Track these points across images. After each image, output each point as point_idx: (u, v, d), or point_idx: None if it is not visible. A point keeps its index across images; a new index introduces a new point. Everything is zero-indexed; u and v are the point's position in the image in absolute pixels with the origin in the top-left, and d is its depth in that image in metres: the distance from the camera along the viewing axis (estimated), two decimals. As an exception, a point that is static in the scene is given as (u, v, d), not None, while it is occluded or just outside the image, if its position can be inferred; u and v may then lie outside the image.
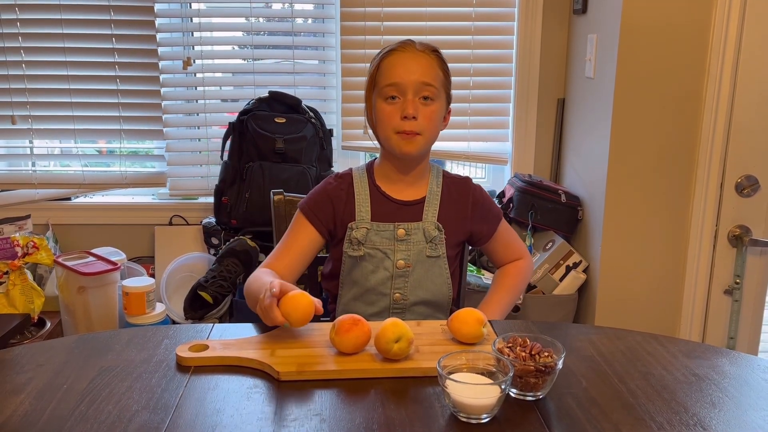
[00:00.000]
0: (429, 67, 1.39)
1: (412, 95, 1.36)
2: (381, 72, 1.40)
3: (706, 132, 2.04)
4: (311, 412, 0.97)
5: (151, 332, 1.24)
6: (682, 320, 2.18)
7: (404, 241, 1.42)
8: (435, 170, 1.50)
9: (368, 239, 1.42)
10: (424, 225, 1.43)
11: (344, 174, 1.49)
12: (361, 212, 1.44)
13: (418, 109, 1.37)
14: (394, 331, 1.09)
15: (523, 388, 1.01)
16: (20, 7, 2.46)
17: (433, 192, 1.46)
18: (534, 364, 1.00)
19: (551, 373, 1.01)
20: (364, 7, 2.50)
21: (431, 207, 1.45)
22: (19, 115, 2.54)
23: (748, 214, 2.08)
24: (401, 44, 1.41)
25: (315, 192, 1.49)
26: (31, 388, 1.04)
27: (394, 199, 1.45)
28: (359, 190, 1.46)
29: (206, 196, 2.61)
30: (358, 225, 1.43)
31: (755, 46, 1.98)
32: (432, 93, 1.38)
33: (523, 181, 2.39)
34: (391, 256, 1.42)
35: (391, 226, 1.42)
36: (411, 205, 1.45)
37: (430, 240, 1.43)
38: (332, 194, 1.46)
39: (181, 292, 2.37)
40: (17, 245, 2.21)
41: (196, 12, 2.53)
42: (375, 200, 1.45)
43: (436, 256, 1.44)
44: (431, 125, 1.39)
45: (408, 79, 1.36)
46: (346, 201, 1.45)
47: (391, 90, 1.37)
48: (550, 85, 2.57)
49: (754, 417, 0.98)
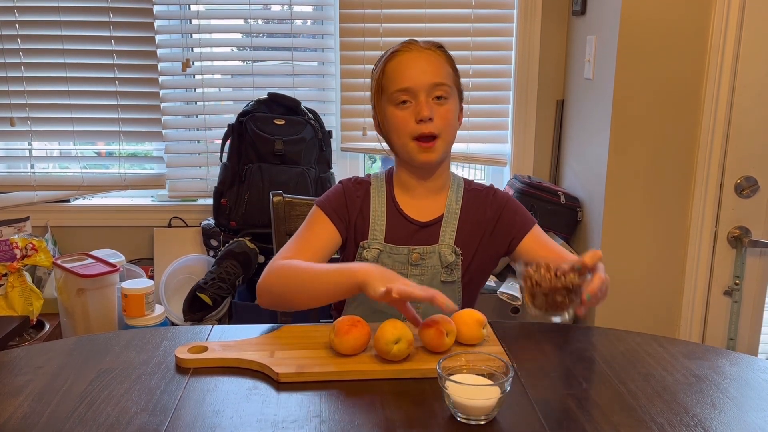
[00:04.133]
0: (438, 64, 1.32)
1: (424, 96, 1.29)
2: (388, 76, 1.32)
3: (706, 133, 2.04)
4: (311, 414, 0.97)
5: (150, 334, 1.24)
6: (681, 321, 2.18)
7: (418, 265, 1.34)
8: (456, 183, 1.41)
9: (380, 261, 1.34)
10: (440, 248, 1.34)
11: (363, 180, 1.41)
12: (375, 231, 1.36)
13: (434, 109, 1.29)
14: (393, 333, 1.08)
15: (549, 308, 1.04)
16: (19, 9, 2.46)
17: (452, 210, 1.37)
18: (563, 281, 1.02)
19: (577, 292, 1.03)
20: (363, 8, 2.50)
21: (449, 227, 1.36)
22: (18, 117, 2.54)
23: (748, 215, 2.08)
24: (404, 45, 1.34)
25: (334, 191, 1.40)
26: (30, 390, 1.04)
27: (411, 219, 1.36)
28: (375, 205, 1.37)
29: (205, 198, 2.61)
30: (370, 245, 1.35)
31: (754, 47, 1.98)
32: (445, 92, 1.31)
33: (522, 183, 2.39)
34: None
35: (406, 249, 1.34)
36: (428, 226, 1.36)
37: (446, 265, 1.34)
38: (349, 196, 1.38)
39: (180, 294, 2.37)
40: (16, 247, 2.21)
41: (195, 14, 2.53)
42: (391, 219, 1.36)
43: (452, 281, 1.36)
44: (448, 125, 1.32)
45: (419, 81, 1.29)
46: (360, 209, 1.37)
47: (402, 95, 1.30)
48: (550, 87, 2.57)
49: (755, 418, 0.98)
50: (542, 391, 1.05)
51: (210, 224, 2.47)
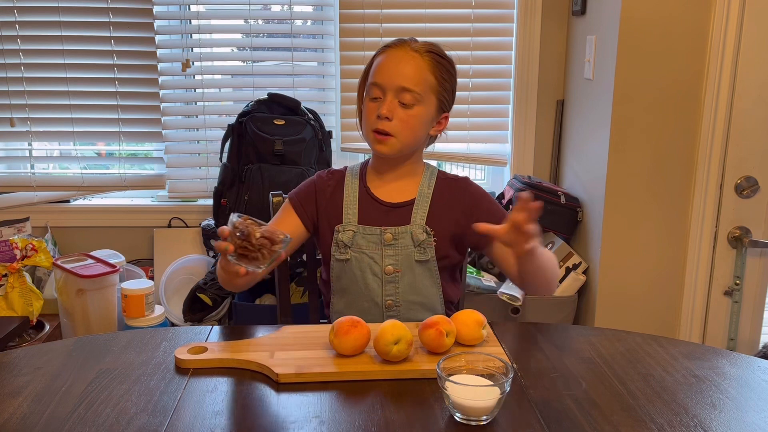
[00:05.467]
0: (415, 70, 1.35)
1: (391, 97, 1.35)
2: (373, 68, 1.39)
3: (706, 133, 2.04)
4: (310, 415, 0.97)
5: (150, 335, 1.24)
6: (681, 321, 2.18)
7: (392, 245, 1.39)
8: (429, 171, 1.47)
9: (355, 242, 1.40)
10: (412, 228, 1.39)
11: (337, 170, 1.49)
12: (348, 214, 1.42)
13: (394, 111, 1.34)
14: (393, 333, 1.09)
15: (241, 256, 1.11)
16: (19, 10, 2.46)
17: (424, 194, 1.43)
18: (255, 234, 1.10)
19: (268, 250, 1.10)
20: (363, 9, 2.50)
21: (420, 209, 1.41)
22: (18, 118, 2.54)
23: (748, 215, 2.08)
24: (398, 42, 1.39)
25: (305, 183, 1.48)
26: (30, 391, 1.04)
27: (382, 201, 1.42)
28: (348, 191, 1.44)
29: (205, 198, 2.61)
30: (344, 227, 1.41)
31: (754, 46, 1.98)
32: (410, 99, 1.34)
33: (522, 183, 2.39)
34: (379, 261, 1.39)
35: (378, 230, 1.39)
36: (399, 207, 1.42)
37: (418, 244, 1.39)
38: (319, 187, 1.45)
39: (180, 295, 2.37)
40: (16, 248, 2.21)
41: (195, 14, 2.53)
42: (363, 202, 1.43)
43: (425, 260, 1.40)
44: (407, 128, 1.36)
45: (390, 81, 1.34)
46: (330, 197, 1.44)
47: (375, 89, 1.37)
48: (550, 87, 2.57)
49: (755, 418, 0.98)
50: (542, 391, 1.05)
51: (210, 225, 2.47)
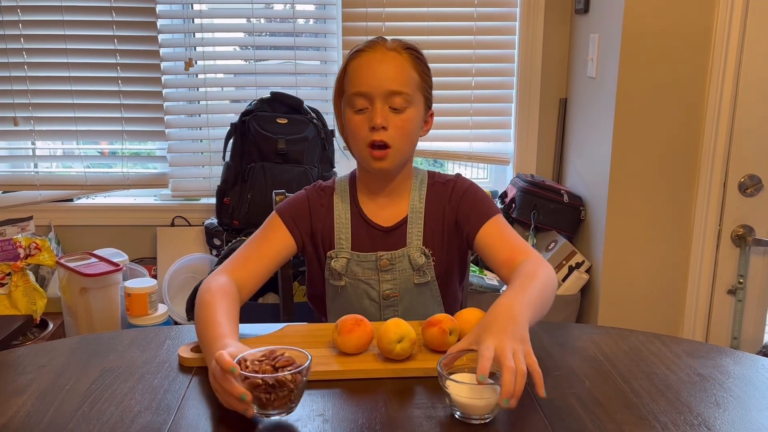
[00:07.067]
0: (399, 70, 1.25)
1: (380, 104, 1.24)
2: (348, 77, 1.28)
3: (709, 131, 2.04)
4: (314, 413, 0.97)
5: (154, 333, 1.24)
6: (685, 320, 2.17)
7: (389, 270, 1.32)
8: (419, 179, 1.37)
9: (349, 269, 1.33)
10: (409, 251, 1.32)
11: (326, 186, 1.39)
12: (340, 240, 1.34)
13: (388, 118, 1.25)
14: (396, 332, 1.08)
15: (260, 405, 0.92)
16: (22, 9, 2.46)
17: (416, 209, 1.34)
18: (264, 376, 0.89)
19: (286, 389, 0.90)
20: (366, 7, 2.50)
21: (415, 228, 1.33)
22: (22, 117, 2.55)
23: (752, 214, 2.08)
24: (369, 44, 1.29)
25: (296, 198, 1.38)
26: (34, 389, 1.04)
27: (375, 225, 1.34)
28: (339, 212, 1.35)
29: (208, 197, 2.61)
30: (338, 254, 1.33)
31: (758, 44, 1.97)
32: (401, 103, 1.25)
33: (525, 182, 2.39)
34: (376, 286, 1.33)
35: (373, 256, 1.32)
36: (393, 230, 1.34)
37: (417, 268, 1.32)
38: (313, 205, 1.36)
39: (183, 293, 2.37)
40: (20, 246, 2.21)
41: (197, 13, 2.53)
42: (356, 227, 1.34)
43: (425, 282, 1.34)
44: (404, 135, 1.27)
45: (376, 87, 1.24)
46: (324, 218, 1.35)
47: (359, 99, 1.25)
48: (552, 85, 2.56)
49: (759, 417, 0.98)
50: (545, 390, 1.04)
51: (213, 223, 2.47)
